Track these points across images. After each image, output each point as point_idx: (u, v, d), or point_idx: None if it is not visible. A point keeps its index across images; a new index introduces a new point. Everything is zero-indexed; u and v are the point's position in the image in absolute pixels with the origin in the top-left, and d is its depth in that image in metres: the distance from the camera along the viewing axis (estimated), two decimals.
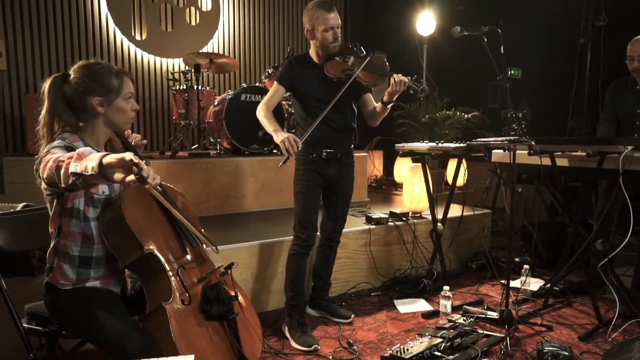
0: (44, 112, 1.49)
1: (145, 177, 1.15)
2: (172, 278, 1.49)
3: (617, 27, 4.51)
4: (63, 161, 1.19)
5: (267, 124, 2.36)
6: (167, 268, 1.49)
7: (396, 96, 2.34)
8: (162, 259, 1.49)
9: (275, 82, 2.42)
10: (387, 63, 2.39)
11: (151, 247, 1.48)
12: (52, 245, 1.54)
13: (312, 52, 2.44)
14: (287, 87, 2.41)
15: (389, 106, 2.40)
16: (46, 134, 1.49)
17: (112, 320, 1.43)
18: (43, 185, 1.44)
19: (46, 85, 1.50)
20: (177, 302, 1.46)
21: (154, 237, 1.51)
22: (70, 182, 1.16)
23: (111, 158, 1.13)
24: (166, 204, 1.48)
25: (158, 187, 1.50)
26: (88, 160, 1.14)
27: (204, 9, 5.45)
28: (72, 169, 1.15)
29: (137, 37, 5.09)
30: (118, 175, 1.13)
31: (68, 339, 1.67)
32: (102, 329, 1.42)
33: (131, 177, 1.13)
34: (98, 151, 1.52)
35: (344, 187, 2.53)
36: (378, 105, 2.44)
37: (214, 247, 1.73)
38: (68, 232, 1.50)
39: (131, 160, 1.12)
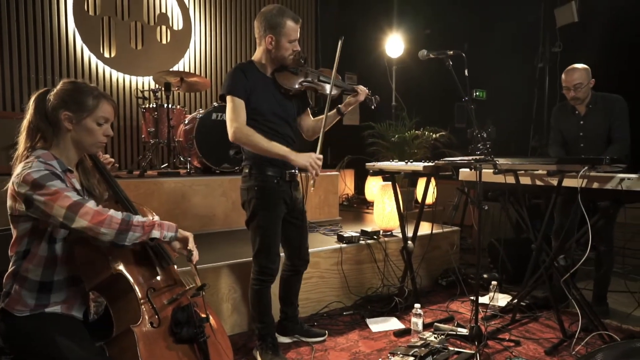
0: (25, 121, 1.53)
1: (193, 260, 1.61)
2: (142, 300, 1.45)
3: (572, 53, 4.79)
4: (138, 226, 1.43)
5: (271, 146, 2.08)
6: (137, 290, 1.46)
7: (352, 107, 2.44)
8: (131, 280, 1.46)
9: (229, 97, 2.12)
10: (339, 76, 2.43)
11: (120, 267, 1.44)
12: (11, 269, 1.48)
13: (261, 61, 2.26)
14: (244, 97, 2.13)
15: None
16: (24, 140, 1.51)
17: (73, 348, 1.38)
18: (17, 206, 1.41)
19: (33, 96, 1.54)
20: (146, 325, 1.42)
21: (123, 257, 1.47)
22: (139, 240, 1.43)
23: (182, 234, 1.57)
24: None
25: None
26: (167, 229, 1.50)
27: (175, 27, 5.45)
28: (154, 235, 1.46)
29: (106, 55, 5.02)
30: (177, 247, 1.59)
31: None
32: (62, 356, 1.36)
33: (183, 252, 1.60)
34: (70, 168, 1.55)
35: (302, 207, 2.43)
36: (330, 114, 2.35)
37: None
38: (35, 254, 1.45)
39: (192, 248, 1.60)
